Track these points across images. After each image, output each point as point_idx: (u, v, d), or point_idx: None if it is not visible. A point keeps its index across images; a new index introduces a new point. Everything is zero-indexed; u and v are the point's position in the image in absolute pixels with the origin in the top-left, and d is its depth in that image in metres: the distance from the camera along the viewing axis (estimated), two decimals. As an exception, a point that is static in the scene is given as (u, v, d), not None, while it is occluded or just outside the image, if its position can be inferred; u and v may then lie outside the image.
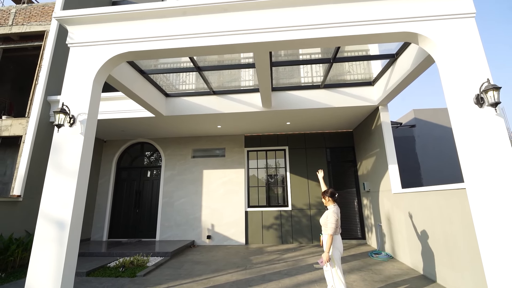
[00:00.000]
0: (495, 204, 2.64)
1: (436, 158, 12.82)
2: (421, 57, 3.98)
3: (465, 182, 2.92)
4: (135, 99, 5.26)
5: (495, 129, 2.83)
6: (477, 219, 2.73)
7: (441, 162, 12.49)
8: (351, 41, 3.44)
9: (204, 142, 8.10)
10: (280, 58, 5.50)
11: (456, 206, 3.47)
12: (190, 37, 3.47)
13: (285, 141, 7.94)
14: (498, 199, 2.65)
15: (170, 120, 6.47)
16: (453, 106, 3.04)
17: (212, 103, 6.10)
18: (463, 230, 3.37)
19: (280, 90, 5.97)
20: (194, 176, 7.84)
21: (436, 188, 3.91)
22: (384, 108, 5.78)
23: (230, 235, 7.32)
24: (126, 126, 6.96)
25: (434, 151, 13.18)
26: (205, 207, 7.59)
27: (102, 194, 7.94)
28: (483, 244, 2.63)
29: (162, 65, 5.77)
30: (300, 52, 5.77)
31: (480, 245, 2.66)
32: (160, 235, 7.52)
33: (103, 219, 7.75)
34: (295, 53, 5.63)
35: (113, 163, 8.16)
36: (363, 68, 6.05)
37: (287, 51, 5.60)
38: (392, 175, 5.37)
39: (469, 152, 2.85)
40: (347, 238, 7.17)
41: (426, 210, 4.20)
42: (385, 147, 5.55)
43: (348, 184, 7.56)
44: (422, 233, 4.35)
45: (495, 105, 2.73)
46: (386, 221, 5.74)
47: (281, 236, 7.26)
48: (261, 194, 7.72)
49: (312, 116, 6.49)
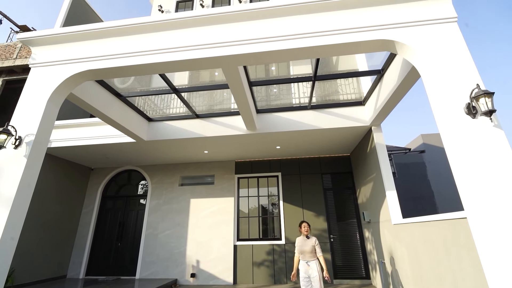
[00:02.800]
0: (503, 235, 2.06)
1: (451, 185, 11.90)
2: (406, 70, 3.63)
3: (465, 210, 2.37)
4: (112, 124, 5.06)
5: (494, 142, 2.34)
6: (484, 256, 2.13)
7: (457, 189, 11.51)
8: (324, 52, 3.16)
9: (193, 169, 7.72)
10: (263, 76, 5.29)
11: (463, 239, 2.84)
12: (151, 53, 3.28)
13: (277, 167, 7.47)
14: (506, 229, 2.07)
15: (152, 145, 6.20)
16: (442, 118, 2.59)
17: (195, 127, 5.83)
18: (473, 271, 2.69)
19: (265, 112, 5.68)
20: (181, 205, 7.34)
21: (438, 218, 3.29)
22: (377, 128, 5.33)
23: (217, 273, 6.56)
24: (108, 152, 6.72)
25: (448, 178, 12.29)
26: (191, 239, 6.95)
27: (84, 226, 7.48)
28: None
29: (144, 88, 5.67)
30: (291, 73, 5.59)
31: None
32: (141, 272, 6.83)
33: (82, 253, 7.19)
34: (283, 72, 5.43)
35: (98, 192, 7.81)
36: (353, 88, 5.75)
37: (270, 71, 5.42)
38: (391, 203, 4.73)
39: (466, 174, 2.34)
40: (348, 277, 6.29)
41: (430, 244, 3.53)
42: (381, 171, 4.99)
43: (348, 214, 6.85)
44: (427, 273, 3.62)
45: (489, 113, 2.28)
46: (388, 257, 4.97)
47: (274, 274, 6.45)
48: (252, 225, 7.06)
49: (302, 139, 6.08)
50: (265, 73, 6.88)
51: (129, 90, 5.22)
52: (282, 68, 7.64)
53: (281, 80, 5.21)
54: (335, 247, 6.57)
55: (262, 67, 7.44)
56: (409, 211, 7.52)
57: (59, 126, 6.14)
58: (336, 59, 7.11)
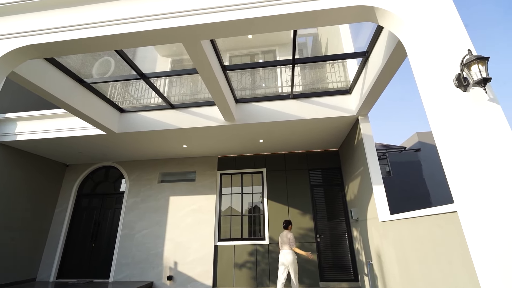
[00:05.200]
0: (499, 231, 1.66)
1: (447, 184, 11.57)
2: (390, 48, 3.24)
3: (455, 202, 1.98)
4: (76, 113, 4.64)
5: (489, 119, 1.94)
6: (476, 256, 1.73)
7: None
8: (292, 22, 2.74)
9: (174, 165, 7.29)
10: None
11: (454, 236, 2.44)
12: (99, 25, 2.86)
13: (262, 163, 7.05)
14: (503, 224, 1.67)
15: (125, 138, 5.76)
16: (428, 93, 2.20)
17: (170, 118, 5.41)
18: (467, 273, 2.29)
19: (245, 102, 5.27)
20: (160, 203, 6.90)
21: (426, 213, 2.89)
22: (364, 118, 4.94)
23: (195, 275, 6.12)
24: (80, 146, 6.28)
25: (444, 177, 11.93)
26: (169, 240, 6.51)
27: (56, 225, 7.02)
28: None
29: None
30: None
31: (487, 303, 1.63)
32: (115, 274, 6.38)
33: (54, 254, 6.73)
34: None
35: (73, 190, 7.35)
36: (339, 76, 5.36)
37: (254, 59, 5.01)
38: (378, 199, 4.33)
39: (455, 158, 1.95)
40: (336, 280, 5.88)
41: (418, 242, 3.13)
42: (367, 164, 4.60)
43: (336, 212, 6.44)
44: (416, 275, 3.22)
45: (483, 83, 1.88)
46: (376, 258, 4.56)
47: (256, 277, 6.02)
48: (234, 224, 6.64)
49: (285, 131, 5.67)
50: (250, 60, 6.46)
51: (93, 76, 4.80)
52: (268, 57, 7.25)
53: (257, 64, 4.81)
54: (322, 247, 6.16)
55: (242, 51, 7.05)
56: (403, 211, 7.11)
57: (23, 118, 5.71)
58: (325, 47, 6.72)
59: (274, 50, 7.45)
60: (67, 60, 4.16)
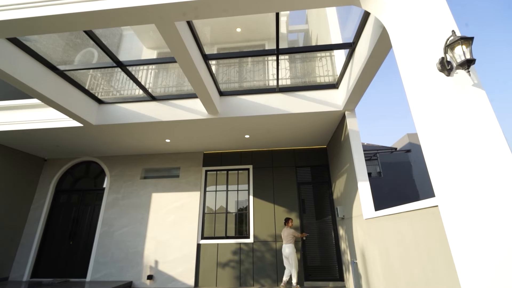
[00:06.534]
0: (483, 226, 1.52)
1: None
2: (376, 37, 3.10)
3: (436, 195, 1.84)
4: (48, 102, 4.38)
5: (473, 105, 1.80)
6: (457, 252, 1.59)
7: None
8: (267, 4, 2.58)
9: (157, 160, 7.05)
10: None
11: (435, 232, 2.31)
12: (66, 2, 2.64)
13: (249, 159, 6.87)
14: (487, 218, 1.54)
15: (103, 131, 5.51)
16: (410, 78, 2.06)
17: (151, 110, 5.18)
18: (446, 269, 2.16)
19: (229, 95, 5.09)
20: (141, 200, 6.65)
21: (408, 208, 2.76)
22: (351, 113, 4.81)
23: (177, 275, 5.90)
24: (57, 139, 5.98)
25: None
26: (150, 238, 6.27)
27: (32, 222, 6.69)
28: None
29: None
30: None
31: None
32: (93, 274, 6.10)
33: (28, 253, 6.41)
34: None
35: (51, 185, 7.04)
36: (326, 70, 5.23)
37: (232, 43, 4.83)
38: (363, 196, 4.20)
39: (437, 147, 1.81)
40: (321, 279, 5.74)
41: (401, 239, 3.00)
42: (353, 160, 4.47)
43: (323, 210, 6.31)
44: (398, 274, 3.09)
45: (466, 64, 1.74)
46: (361, 256, 4.44)
47: (240, 276, 5.84)
48: (219, 222, 6.44)
49: (271, 126, 5.51)
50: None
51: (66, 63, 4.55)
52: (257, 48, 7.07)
53: (240, 53, 4.63)
54: (307, 246, 6.02)
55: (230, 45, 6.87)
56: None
57: (-5, 107, 5.39)
58: (315, 42, 6.59)
59: (263, 44, 7.28)
60: (37, 45, 3.91)
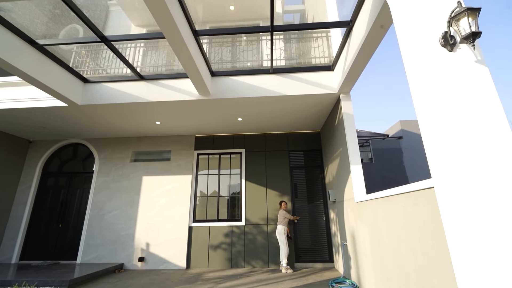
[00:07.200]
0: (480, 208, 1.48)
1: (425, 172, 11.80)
2: (375, 12, 2.95)
3: (433, 176, 1.79)
4: (27, 79, 4.12)
5: (475, 83, 1.72)
6: (451, 235, 1.56)
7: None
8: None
9: (148, 143, 6.88)
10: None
11: (428, 214, 2.29)
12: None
13: (242, 143, 6.78)
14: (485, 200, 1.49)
15: (90, 111, 5.28)
16: (410, 53, 1.95)
17: (140, 91, 4.97)
18: (436, 251, 2.16)
19: (221, 76, 4.90)
20: (132, 183, 6.53)
21: (401, 190, 2.74)
22: (346, 96, 4.71)
23: (168, 256, 5.92)
24: (41, 120, 5.72)
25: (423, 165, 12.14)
26: (141, 221, 6.22)
27: (19, 205, 6.53)
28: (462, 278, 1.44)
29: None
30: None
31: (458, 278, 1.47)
32: (83, 256, 6.06)
33: (16, 235, 6.29)
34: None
35: (37, 168, 6.83)
36: (322, 51, 5.06)
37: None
38: (355, 179, 4.19)
39: (436, 126, 1.74)
40: (312, 261, 5.85)
41: (392, 221, 3.00)
42: (346, 143, 4.42)
43: (315, 194, 6.34)
44: (388, 255, 3.12)
45: (471, 37, 1.64)
46: (351, 239, 4.50)
47: (231, 258, 5.89)
48: (211, 205, 6.41)
49: (265, 109, 5.38)
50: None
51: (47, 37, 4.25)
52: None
53: (233, 29, 4.41)
54: (299, 229, 6.08)
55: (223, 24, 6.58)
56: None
57: (-29, 85, 5.07)
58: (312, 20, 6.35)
59: (258, 24, 7.00)
60: (12, 15, 3.60)
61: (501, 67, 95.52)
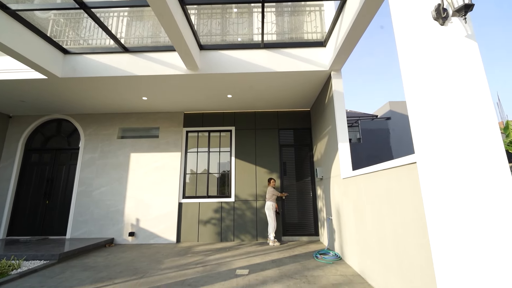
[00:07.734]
0: (459, 183, 1.54)
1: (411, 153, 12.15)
2: (370, -16, 2.85)
3: (416, 151, 1.83)
4: (3, 49, 3.83)
5: (464, 58, 1.72)
6: (430, 208, 1.63)
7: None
8: None
9: (135, 120, 6.72)
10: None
11: (409, 189, 2.39)
12: None
13: (231, 121, 6.72)
14: (464, 176, 1.55)
15: (72, 84, 5.05)
16: (402, 26, 1.91)
17: (124, 64, 4.75)
18: (414, 223, 2.28)
19: (210, 49, 4.72)
20: (119, 160, 6.45)
21: (385, 166, 2.82)
22: (337, 74, 4.67)
23: (159, 231, 6.03)
24: (20, 93, 5.44)
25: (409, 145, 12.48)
26: (131, 197, 6.24)
27: (2, 181, 6.38)
28: (436, 246, 1.53)
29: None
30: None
31: (433, 246, 1.56)
32: (72, 232, 6.09)
33: (1, 212, 6.22)
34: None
35: (19, 144, 6.60)
36: (315, 26, 4.92)
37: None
38: (342, 156, 4.28)
39: (422, 100, 1.75)
40: (298, 234, 6.10)
41: (376, 196, 3.12)
42: (335, 121, 4.45)
43: (304, 171, 6.47)
44: (370, 228, 3.28)
45: (464, 10, 1.61)
46: (336, 214, 4.68)
47: (220, 232, 6.07)
48: (200, 182, 6.47)
49: (255, 85, 5.28)
50: (222, 7, 5.66)
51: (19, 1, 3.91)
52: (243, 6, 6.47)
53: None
54: (287, 205, 6.26)
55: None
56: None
57: None
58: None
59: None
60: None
61: (501, 66, 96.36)
